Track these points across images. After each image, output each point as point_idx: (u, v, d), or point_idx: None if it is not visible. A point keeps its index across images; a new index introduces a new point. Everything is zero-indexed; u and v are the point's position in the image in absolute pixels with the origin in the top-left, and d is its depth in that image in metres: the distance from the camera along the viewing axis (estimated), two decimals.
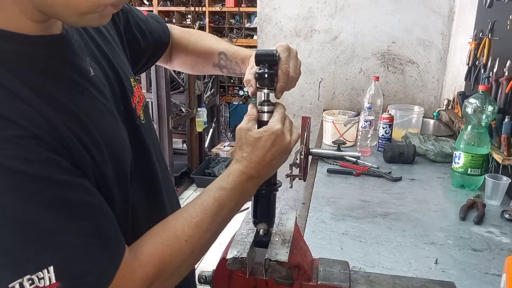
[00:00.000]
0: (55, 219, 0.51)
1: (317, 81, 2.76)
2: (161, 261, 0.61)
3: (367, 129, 1.94)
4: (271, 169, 0.73)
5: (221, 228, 0.69)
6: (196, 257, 0.67)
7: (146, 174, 0.77)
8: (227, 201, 0.68)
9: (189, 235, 0.64)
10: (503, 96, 1.59)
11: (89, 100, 0.61)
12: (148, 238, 0.63)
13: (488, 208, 1.40)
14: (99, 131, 0.60)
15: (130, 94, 0.74)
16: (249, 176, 0.69)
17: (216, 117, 5.32)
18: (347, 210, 1.40)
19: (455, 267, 1.09)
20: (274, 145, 0.70)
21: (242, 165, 0.70)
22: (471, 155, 1.51)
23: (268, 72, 0.72)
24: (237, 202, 0.69)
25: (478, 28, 1.97)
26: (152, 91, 3.82)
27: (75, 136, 0.55)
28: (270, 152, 0.70)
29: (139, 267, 0.59)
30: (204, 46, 1.01)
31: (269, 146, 0.70)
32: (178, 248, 0.63)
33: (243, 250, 0.70)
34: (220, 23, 6.92)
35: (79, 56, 0.62)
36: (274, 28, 2.73)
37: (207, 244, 0.67)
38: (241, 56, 0.95)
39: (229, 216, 0.70)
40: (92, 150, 0.58)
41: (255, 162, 0.70)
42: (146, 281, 0.59)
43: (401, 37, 2.56)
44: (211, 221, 0.66)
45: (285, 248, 0.71)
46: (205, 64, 1.01)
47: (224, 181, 0.69)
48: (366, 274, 0.77)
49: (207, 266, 0.80)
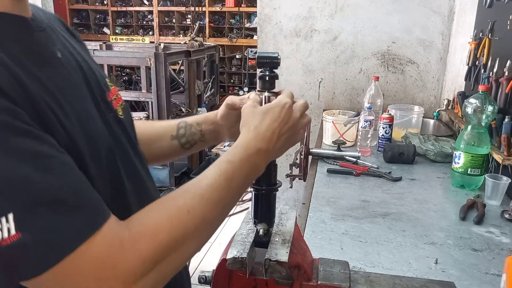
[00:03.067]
0: (19, 168, 0.47)
1: (317, 81, 2.76)
2: (157, 231, 0.55)
3: (367, 129, 1.94)
4: (281, 144, 0.69)
5: (228, 204, 0.64)
6: (201, 234, 0.61)
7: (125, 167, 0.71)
8: (235, 174, 0.64)
9: (192, 207, 0.58)
10: (503, 96, 1.59)
11: (59, 75, 0.60)
12: (143, 211, 0.58)
13: (488, 208, 1.40)
14: (70, 103, 0.58)
15: (106, 88, 0.72)
16: (258, 149, 0.66)
17: None
18: (347, 210, 1.40)
19: (455, 267, 1.09)
20: (283, 118, 0.68)
21: (250, 138, 0.67)
22: (471, 155, 1.51)
23: (269, 74, 0.72)
24: (245, 176, 0.66)
25: (478, 28, 1.97)
26: (152, 91, 3.82)
27: (47, 104, 0.53)
28: (279, 125, 0.68)
29: (130, 238, 0.53)
30: (160, 123, 0.97)
31: (277, 117, 0.68)
32: (178, 219, 0.57)
33: (243, 250, 0.70)
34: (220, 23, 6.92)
35: (48, 40, 0.63)
36: (274, 28, 2.73)
37: (214, 220, 0.62)
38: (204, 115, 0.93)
39: (237, 192, 0.65)
40: (64, 121, 0.55)
41: (263, 134, 0.67)
42: (140, 254, 0.53)
43: (401, 37, 2.56)
44: (218, 194, 0.61)
45: (285, 248, 0.71)
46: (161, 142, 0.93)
47: (231, 154, 0.66)
48: (366, 274, 0.77)
49: (207, 266, 0.80)
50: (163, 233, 0.55)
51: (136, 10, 7.31)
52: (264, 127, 0.68)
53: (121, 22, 7.49)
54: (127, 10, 7.37)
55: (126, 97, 4.67)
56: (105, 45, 4.56)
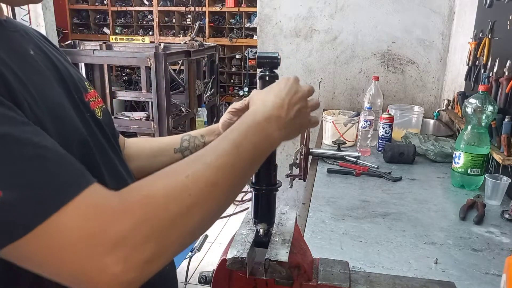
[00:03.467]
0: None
1: (317, 81, 2.76)
2: (152, 195, 0.50)
3: (367, 129, 1.94)
4: (294, 114, 0.66)
5: (239, 172, 0.58)
6: (207, 201, 0.53)
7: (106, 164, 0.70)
8: (242, 141, 0.59)
9: (192, 171, 0.53)
10: (503, 96, 1.59)
11: (31, 68, 0.61)
12: (138, 181, 0.53)
13: (488, 208, 1.40)
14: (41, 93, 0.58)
15: (83, 89, 0.73)
16: (268, 115, 0.63)
17: (216, 117, 5.32)
18: (347, 210, 1.40)
19: (455, 267, 1.09)
20: (290, 88, 0.67)
21: (257, 107, 0.65)
22: (471, 155, 1.51)
23: (269, 75, 0.72)
24: (255, 143, 0.60)
25: (478, 28, 1.97)
26: (152, 91, 3.83)
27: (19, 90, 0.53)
28: (288, 93, 0.66)
29: (121, 201, 0.48)
30: (164, 138, 0.97)
31: (283, 88, 0.67)
32: (175, 181, 0.51)
33: (243, 250, 0.69)
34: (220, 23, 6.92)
35: (21, 39, 0.65)
36: (274, 28, 2.73)
37: (222, 186, 0.55)
38: (208, 127, 0.93)
39: (248, 160, 0.59)
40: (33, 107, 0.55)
41: (272, 102, 0.65)
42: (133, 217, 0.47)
43: (401, 37, 2.56)
44: (223, 160, 0.56)
45: (285, 248, 0.71)
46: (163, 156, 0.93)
47: (238, 123, 0.62)
48: (366, 274, 0.77)
49: (207, 266, 0.80)
50: (158, 200, 0.50)
51: (136, 10, 7.31)
52: (272, 96, 0.66)
53: (121, 22, 7.49)
54: (127, 10, 7.37)
55: (126, 97, 4.69)
56: (105, 45, 4.56)
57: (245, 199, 4.04)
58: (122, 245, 0.46)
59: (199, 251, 2.35)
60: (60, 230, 0.45)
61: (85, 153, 0.63)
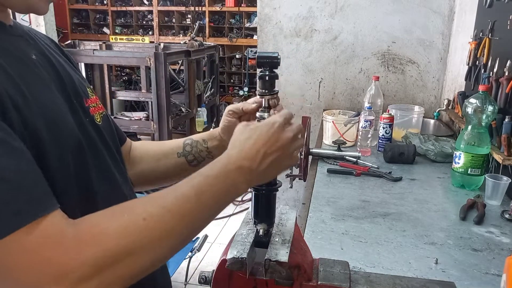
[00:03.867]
0: None
1: (317, 81, 2.75)
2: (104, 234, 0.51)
3: (367, 129, 1.94)
4: (266, 166, 0.65)
5: (197, 219, 0.59)
6: (160, 247, 0.55)
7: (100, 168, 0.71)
8: (207, 189, 0.60)
9: (150, 215, 0.54)
10: (503, 96, 1.59)
11: (29, 72, 0.62)
12: (98, 213, 0.54)
13: (488, 208, 1.40)
14: (36, 96, 0.59)
15: (84, 95, 0.74)
16: (238, 166, 0.63)
17: (216, 117, 5.32)
18: (347, 210, 1.40)
19: (455, 267, 1.09)
20: (270, 137, 0.65)
21: (232, 154, 0.64)
22: (471, 155, 1.51)
23: (269, 74, 0.72)
24: (219, 193, 0.61)
25: (478, 28, 1.97)
26: (152, 91, 3.82)
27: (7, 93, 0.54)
28: (265, 144, 0.64)
29: (74, 236, 0.49)
30: (168, 142, 0.98)
31: (263, 136, 0.64)
32: (131, 225, 0.52)
33: (243, 250, 0.69)
34: (220, 23, 6.92)
35: (24, 44, 0.67)
36: (274, 28, 2.73)
37: (176, 233, 0.57)
38: (209, 132, 0.94)
39: (209, 209, 0.61)
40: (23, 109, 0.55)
41: (246, 152, 0.63)
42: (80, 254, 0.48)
43: (401, 37, 2.56)
44: (183, 207, 0.57)
45: (285, 248, 0.71)
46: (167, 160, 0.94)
47: (208, 168, 0.63)
48: (366, 274, 0.77)
49: (207, 266, 0.79)
50: (111, 237, 0.51)
51: (136, 10, 7.31)
52: (249, 145, 0.64)
53: (121, 22, 7.49)
54: (127, 10, 7.36)
55: (126, 97, 4.69)
56: (105, 45, 4.56)
57: (245, 199, 4.04)
58: (65, 280, 0.48)
59: (199, 251, 2.35)
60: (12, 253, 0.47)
61: (78, 157, 0.65)
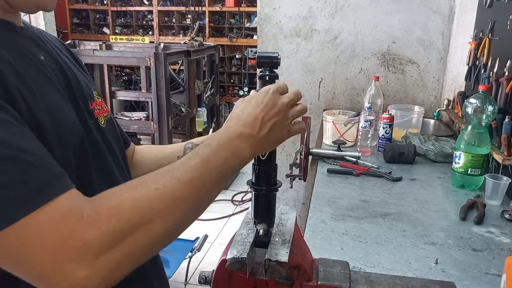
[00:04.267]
0: None
1: (317, 81, 2.75)
2: (120, 206, 0.52)
3: (367, 129, 1.94)
4: (267, 131, 0.65)
5: (206, 187, 0.60)
6: (172, 214, 0.56)
7: (102, 170, 0.72)
8: (212, 156, 0.61)
9: (161, 184, 0.56)
10: (503, 96, 1.59)
11: (36, 72, 0.64)
12: (111, 189, 0.56)
13: (488, 208, 1.40)
14: (43, 94, 0.60)
15: (89, 97, 0.75)
16: (239, 133, 0.64)
17: (216, 117, 5.31)
18: (347, 210, 1.40)
19: (455, 267, 1.09)
20: (266, 103, 0.66)
21: (231, 123, 0.65)
22: (471, 155, 1.51)
23: (269, 74, 0.72)
24: (225, 159, 0.62)
25: (478, 28, 1.97)
26: (152, 91, 3.82)
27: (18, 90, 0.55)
28: (262, 110, 0.65)
29: (91, 210, 0.51)
30: (169, 146, 0.99)
31: (259, 103, 0.66)
32: (144, 194, 0.54)
33: (243, 250, 0.69)
34: (220, 23, 6.92)
35: (33, 45, 0.68)
36: (274, 28, 2.73)
37: (187, 200, 0.57)
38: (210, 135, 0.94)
39: (216, 176, 0.61)
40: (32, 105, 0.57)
41: (245, 119, 0.65)
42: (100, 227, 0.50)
43: (401, 37, 2.56)
44: (191, 175, 0.58)
45: (285, 248, 0.71)
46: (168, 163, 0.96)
47: (210, 138, 0.64)
48: (366, 274, 0.77)
49: (207, 266, 0.79)
50: (127, 209, 0.53)
51: (136, 10, 7.31)
52: (246, 113, 0.66)
53: (121, 22, 7.49)
54: (127, 10, 7.36)
55: (126, 97, 4.69)
56: (105, 45, 4.56)
57: (245, 199, 4.04)
58: (86, 252, 0.48)
59: (199, 251, 2.35)
60: (29, 233, 0.47)
61: (80, 157, 0.66)
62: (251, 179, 0.75)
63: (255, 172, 0.74)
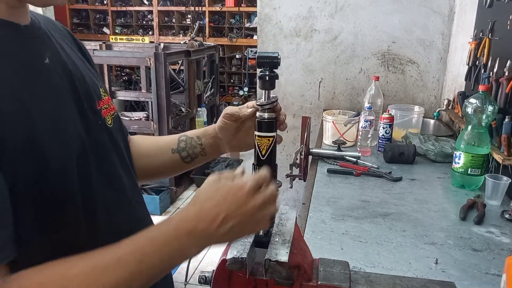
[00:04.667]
0: None
1: (317, 81, 2.75)
2: None
3: (367, 129, 1.94)
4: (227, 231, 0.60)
5: (135, 283, 0.58)
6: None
7: (106, 174, 0.72)
8: (151, 254, 0.58)
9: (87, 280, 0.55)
10: (503, 96, 1.59)
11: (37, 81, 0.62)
12: (36, 269, 0.54)
13: (488, 208, 1.40)
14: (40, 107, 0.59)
15: (96, 97, 0.74)
16: (190, 230, 0.59)
17: (216, 117, 5.31)
18: (347, 210, 1.40)
19: (455, 267, 1.09)
20: (236, 201, 0.60)
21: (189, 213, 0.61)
22: (471, 155, 1.51)
23: (269, 74, 0.72)
24: (162, 259, 0.59)
25: (478, 28, 1.97)
26: (152, 91, 3.82)
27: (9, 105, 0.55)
28: (228, 207, 0.60)
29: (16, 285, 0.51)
30: (163, 137, 0.98)
31: (229, 199, 0.60)
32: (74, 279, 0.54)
33: (243, 250, 0.69)
34: (220, 23, 6.92)
35: (38, 46, 0.66)
36: (274, 28, 2.73)
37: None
38: (204, 129, 0.93)
39: (151, 272, 0.59)
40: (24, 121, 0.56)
41: (206, 213, 0.60)
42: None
43: (401, 37, 2.56)
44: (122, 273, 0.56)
45: (285, 248, 0.71)
46: (162, 155, 0.93)
47: (156, 231, 0.61)
48: (366, 274, 0.77)
49: (207, 266, 0.79)
50: None
51: (136, 10, 7.31)
52: (210, 205, 0.60)
53: (121, 22, 7.49)
54: (127, 10, 7.37)
55: (126, 97, 4.68)
56: (105, 45, 4.56)
57: None
58: None
59: None
60: None
61: (80, 168, 0.65)
62: None
63: (255, 172, 0.74)
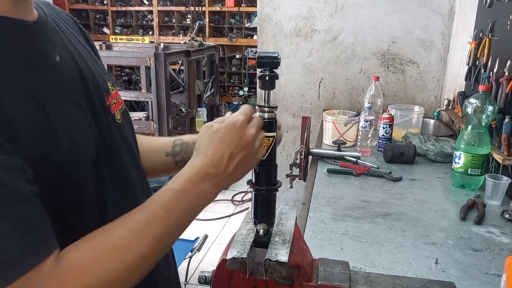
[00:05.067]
0: None
1: (317, 81, 2.75)
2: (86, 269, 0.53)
3: (367, 129, 1.94)
4: (234, 168, 0.65)
5: (169, 237, 0.61)
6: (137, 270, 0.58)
7: (117, 170, 0.72)
8: (176, 204, 0.61)
9: (127, 244, 0.57)
10: (503, 96, 1.59)
11: (50, 80, 0.60)
12: (79, 242, 0.56)
13: (488, 208, 1.40)
14: (55, 108, 0.58)
15: (105, 92, 0.73)
16: (205, 174, 0.63)
17: (216, 117, 5.31)
18: (347, 210, 1.40)
19: (455, 267, 1.09)
20: (233, 138, 0.64)
21: (197, 162, 0.64)
22: (471, 155, 1.51)
23: (269, 74, 0.72)
24: (189, 206, 0.62)
25: (478, 28, 1.97)
26: (152, 91, 3.82)
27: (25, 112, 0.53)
28: (228, 146, 0.64)
29: (58, 274, 0.52)
30: (158, 138, 0.97)
31: (225, 138, 0.64)
32: (109, 256, 0.55)
33: (243, 250, 0.69)
34: (220, 23, 6.91)
35: (47, 43, 0.63)
36: (274, 28, 2.73)
37: (152, 256, 0.59)
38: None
39: (180, 223, 0.62)
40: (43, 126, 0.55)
41: (210, 158, 0.63)
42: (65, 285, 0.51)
43: (401, 37, 2.56)
44: (155, 230, 0.59)
45: (285, 248, 0.71)
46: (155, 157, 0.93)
47: (175, 182, 0.63)
48: (366, 274, 0.77)
49: (207, 266, 0.79)
50: (92, 272, 0.53)
51: (136, 10, 7.30)
52: (212, 150, 0.64)
53: (121, 22, 7.48)
54: (127, 10, 7.36)
55: (126, 97, 4.67)
56: (105, 45, 4.56)
57: (245, 199, 4.04)
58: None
59: (199, 251, 2.35)
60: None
61: (94, 168, 0.64)
62: (251, 179, 0.75)
63: (255, 172, 0.74)
